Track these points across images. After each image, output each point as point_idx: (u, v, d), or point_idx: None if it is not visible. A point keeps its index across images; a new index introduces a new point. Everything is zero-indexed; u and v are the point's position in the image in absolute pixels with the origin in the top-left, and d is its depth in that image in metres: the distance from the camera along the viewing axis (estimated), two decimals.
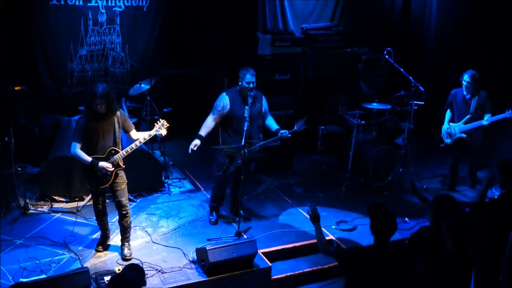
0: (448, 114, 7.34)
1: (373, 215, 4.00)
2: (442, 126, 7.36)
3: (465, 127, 7.14)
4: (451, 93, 7.28)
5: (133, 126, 5.49)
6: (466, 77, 7.00)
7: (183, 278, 5.21)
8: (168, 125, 5.46)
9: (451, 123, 7.26)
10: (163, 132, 5.41)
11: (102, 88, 5.01)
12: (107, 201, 5.58)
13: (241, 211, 6.33)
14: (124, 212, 5.44)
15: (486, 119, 6.94)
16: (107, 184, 5.30)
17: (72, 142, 5.15)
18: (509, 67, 7.99)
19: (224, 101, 6.00)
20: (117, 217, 5.56)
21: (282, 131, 6.08)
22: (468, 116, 7.08)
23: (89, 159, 5.14)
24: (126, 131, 5.40)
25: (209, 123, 6.04)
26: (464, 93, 7.09)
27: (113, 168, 5.22)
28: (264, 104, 6.23)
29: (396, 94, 7.64)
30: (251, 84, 5.94)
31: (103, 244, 5.65)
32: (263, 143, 6.07)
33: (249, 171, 6.38)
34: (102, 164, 5.14)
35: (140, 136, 5.39)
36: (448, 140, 7.32)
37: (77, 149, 5.13)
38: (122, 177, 5.39)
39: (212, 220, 6.37)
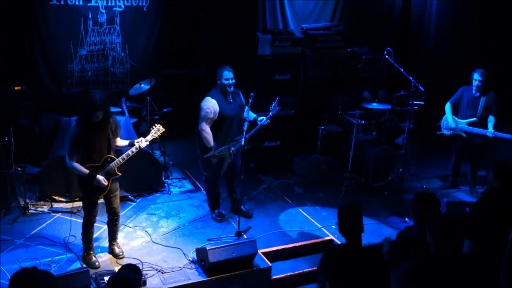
0: (448, 106, 7.30)
1: (340, 215, 4.00)
2: (444, 116, 7.34)
3: (467, 129, 7.13)
4: (460, 89, 7.25)
5: (121, 133, 5.42)
6: (476, 76, 7.00)
7: (183, 278, 5.22)
8: (164, 130, 5.41)
9: (455, 117, 7.25)
10: (143, 144, 5.24)
11: (100, 97, 4.95)
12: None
13: (242, 207, 6.39)
14: (116, 217, 5.49)
15: (492, 132, 6.93)
16: (103, 193, 5.24)
17: (67, 156, 5.06)
18: (509, 67, 7.99)
19: (213, 105, 5.95)
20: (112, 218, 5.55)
21: (260, 118, 6.14)
22: (474, 119, 7.08)
23: (86, 171, 5.05)
24: (114, 137, 5.30)
25: (210, 132, 6.00)
26: (474, 91, 7.09)
27: (107, 183, 5.14)
28: (242, 98, 6.27)
29: (396, 94, 7.64)
30: (230, 80, 5.97)
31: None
32: (247, 136, 5.97)
33: (238, 164, 6.37)
34: (99, 178, 5.07)
35: (124, 144, 5.35)
36: (446, 132, 7.33)
37: (73, 163, 5.04)
38: (117, 184, 5.38)
39: (218, 219, 6.39)
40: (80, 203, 6.48)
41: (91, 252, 5.41)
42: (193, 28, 9.21)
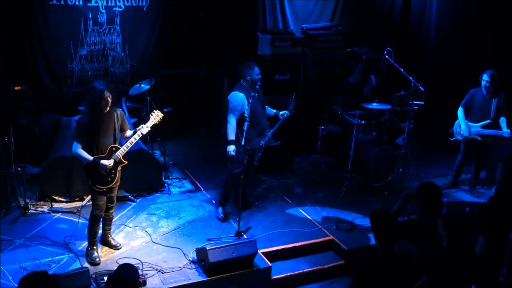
0: (461, 111, 7.26)
1: (373, 223, 4.01)
2: (456, 121, 7.30)
3: (483, 131, 7.09)
4: (470, 92, 7.21)
5: (128, 125, 5.53)
6: (485, 77, 6.96)
7: (183, 278, 5.22)
8: (163, 115, 5.48)
9: (467, 122, 7.20)
10: (144, 130, 5.33)
11: (104, 82, 5.08)
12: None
13: (250, 200, 6.65)
14: (112, 205, 5.56)
15: (509, 132, 6.89)
16: (113, 182, 5.29)
17: (74, 142, 5.14)
18: (509, 67, 7.98)
19: (242, 99, 6.05)
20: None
21: (281, 112, 6.30)
22: (488, 121, 7.05)
23: (90, 157, 5.13)
24: (122, 130, 5.40)
25: (235, 125, 6.06)
26: (484, 93, 7.06)
27: (112, 162, 5.18)
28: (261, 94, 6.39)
29: (396, 94, 7.64)
30: (260, 75, 6.15)
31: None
32: (273, 131, 6.26)
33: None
34: (103, 162, 5.14)
35: (130, 134, 5.41)
36: (459, 137, 7.29)
37: (78, 149, 5.13)
38: (120, 174, 5.43)
39: (222, 217, 6.40)
40: (80, 203, 6.51)
41: (95, 247, 5.45)
42: (193, 28, 9.20)
